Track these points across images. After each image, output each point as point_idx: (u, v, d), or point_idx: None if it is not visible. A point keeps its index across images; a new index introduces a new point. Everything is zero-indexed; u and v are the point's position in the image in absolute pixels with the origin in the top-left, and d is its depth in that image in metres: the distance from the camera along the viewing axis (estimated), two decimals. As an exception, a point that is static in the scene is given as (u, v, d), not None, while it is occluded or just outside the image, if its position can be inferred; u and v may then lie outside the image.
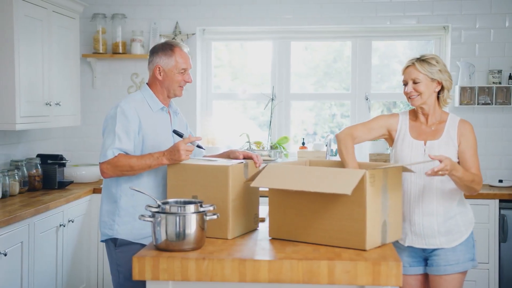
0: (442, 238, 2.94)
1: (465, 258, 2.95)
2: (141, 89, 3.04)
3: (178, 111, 3.14)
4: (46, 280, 3.90)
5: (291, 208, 2.59)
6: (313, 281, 2.29)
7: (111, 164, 2.79)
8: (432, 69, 2.92)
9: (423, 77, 2.92)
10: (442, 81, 2.95)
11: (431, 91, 2.95)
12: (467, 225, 2.98)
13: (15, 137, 4.49)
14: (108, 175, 2.83)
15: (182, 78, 3.00)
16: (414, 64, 2.94)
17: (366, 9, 5.04)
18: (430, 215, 2.94)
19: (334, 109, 5.47)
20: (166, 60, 2.97)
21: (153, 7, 5.17)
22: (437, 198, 2.93)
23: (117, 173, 2.81)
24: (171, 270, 2.33)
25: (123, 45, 5.10)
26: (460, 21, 4.97)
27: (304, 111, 5.52)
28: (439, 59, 2.98)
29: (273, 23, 5.13)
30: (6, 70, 3.80)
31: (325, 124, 5.50)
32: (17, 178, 4.19)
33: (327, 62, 5.51)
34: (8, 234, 3.40)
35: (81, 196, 4.40)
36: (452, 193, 2.93)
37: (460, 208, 2.97)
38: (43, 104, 4.20)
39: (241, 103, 5.52)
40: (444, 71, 2.95)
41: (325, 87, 5.47)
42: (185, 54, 3.01)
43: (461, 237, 2.95)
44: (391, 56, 5.47)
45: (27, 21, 3.96)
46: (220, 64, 5.56)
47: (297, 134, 5.45)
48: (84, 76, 5.18)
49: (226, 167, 2.66)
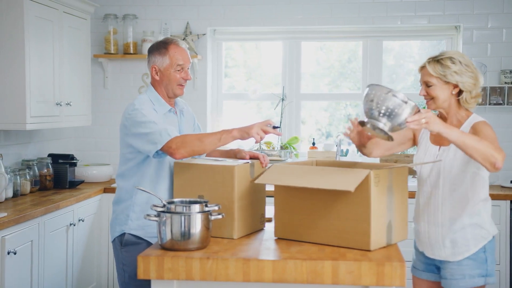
0: (447, 251, 2.73)
1: (473, 273, 2.69)
2: (147, 91, 2.97)
3: (184, 108, 3.08)
4: (56, 279, 3.93)
5: (297, 208, 2.59)
6: (317, 281, 2.29)
7: (180, 140, 2.67)
8: (445, 71, 2.66)
9: (435, 80, 2.68)
10: (459, 83, 2.67)
11: (447, 95, 2.70)
12: (478, 239, 2.71)
13: (27, 137, 4.54)
14: (181, 154, 2.67)
15: (180, 76, 2.91)
16: (429, 65, 2.70)
17: (376, 9, 5.02)
18: (436, 225, 2.75)
19: (349, 110, 5.45)
20: (160, 59, 2.89)
21: (164, 8, 5.19)
22: (444, 208, 2.73)
23: (188, 150, 2.67)
24: (176, 269, 2.34)
25: (134, 46, 5.13)
26: (472, 21, 4.94)
27: (319, 111, 5.51)
28: (458, 58, 2.68)
29: (283, 23, 5.13)
30: (16, 71, 3.84)
31: (340, 125, 5.49)
32: (28, 177, 4.23)
33: (342, 62, 5.49)
34: (18, 232, 3.44)
35: (92, 196, 4.43)
36: (461, 203, 2.71)
37: (472, 220, 2.71)
38: (54, 104, 4.23)
39: (255, 103, 5.52)
40: (462, 72, 2.66)
41: (340, 87, 5.45)
42: (181, 49, 2.90)
43: (468, 251, 2.70)
44: (406, 56, 5.44)
45: (37, 22, 3.99)
46: (235, 64, 5.57)
47: (312, 134, 5.44)
48: (96, 76, 5.22)
49: (232, 167, 2.66)
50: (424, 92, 2.74)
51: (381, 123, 2.46)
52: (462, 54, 2.74)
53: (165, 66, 2.89)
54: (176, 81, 2.91)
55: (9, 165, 4.21)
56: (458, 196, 2.71)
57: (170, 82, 2.91)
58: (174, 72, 2.89)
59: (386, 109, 2.43)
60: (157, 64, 2.91)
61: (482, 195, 2.74)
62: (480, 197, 2.73)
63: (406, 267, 2.29)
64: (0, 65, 3.83)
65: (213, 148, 2.73)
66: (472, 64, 2.73)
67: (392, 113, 2.42)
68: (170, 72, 2.89)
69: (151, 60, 2.93)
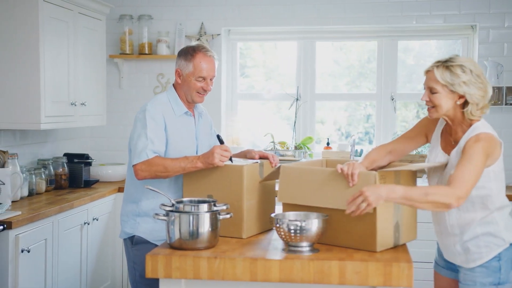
0: (462, 257, 2.63)
1: (484, 281, 2.58)
2: (167, 90, 3.01)
3: (203, 113, 3.11)
4: (70, 277, 3.97)
5: (304, 208, 2.58)
6: (324, 281, 2.29)
7: (146, 164, 2.76)
8: (454, 80, 2.47)
9: (441, 88, 2.49)
10: (466, 94, 2.47)
11: (451, 104, 2.52)
12: (491, 247, 2.58)
13: (43, 136, 4.59)
14: (143, 176, 2.79)
15: (200, 85, 2.92)
16: (436, 70, 2.50)
17: (391, 8, 5.00)
18: (447, 235, 2.66)
19: (369, 110, 5.42)
20: (185, 65, 2.91)
21: (179, 8, 5.21)
22: (451, 218, 2.61)
23: (152, 174, 2.78)
24: (183, 268, 2.36)
25: (149, 46, 5.16)
26: (488, 20, 4.89)
27: (339, 111, 5.50)
28: (470, 66, 2.49)
29: (298, 23, 5.12)
30: (31, 71, 3.88)
31: (360, 125, 5.47)
32: (44, 176, 4.28)
33: (361, 62, 5.47)
34: (32, 231, 3.48)
35: (106, 195, 4.47)
36: (470, 213, 2.57)
37: (485, 228, 2.58)
38: (68, 104, 4.27)
39: (275, 103, 5.52)
40: (471, 82, 2.47)
41: (360, 87, 5.43)
42: (207, 60, 2.89)
43: (480, 259, 2.59)
44: (426, 55, 5.40)
45: (52, 22, 4.03)
46: (254, 64, 5.58)
47: (331, 134, 5.43)
48: (111, 77, 5.26)
49: (241, 167, 2.68)
50: (427, 98, 2.55)
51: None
52: (474, 62, 2.55)
53: (187, 72, 2.91)
54: (195, 89, 2.92)
55: (25, 164, 4.26)
56: (467, 206, 2.57)
57: (189, 89, 2.93)
58: (195, 81, 2.91)
59: None
60: (181, 68, 2.93)
61: (497, 203, 2.59)
62: (495, 205, 2.59)
63: (414, 268, 2.28)
64: (15, 66, 3.88)
65: (176, 175, 2.81)
66: (483, 74, 2.54)
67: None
68: (191, 80, 2.91)
69: (177, 63, 2.95)
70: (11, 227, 3.27)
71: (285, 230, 2.36)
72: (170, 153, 2.89)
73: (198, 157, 2.75)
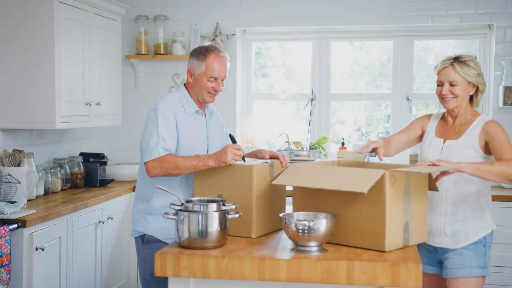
0: (448, 239, 2.91)
1: (472, 263, 2.87)
2: (179, 90, 3.04)
3: (214, 112, 3.14)
4: (85, 275, 4.00)
5: (314, 208, 2.59)
6: (331, 281, 2.29)
7: (158, 161, 2.79)
8: (470, 72, 2.89)
9: (460, 79, 2.89)
10: (478, 84, 2.93)
11: (466, 94, 2.93)
12: (478, 229, 2.90)
13: (59, 136, 4.63)
14: (154, 174, 2.81)
15: (212, 85, 2.94)
16: (453, 66, 2.90)
17: (407, 7, 4.97)
18: (438, 214, 2.92)
19: (389, 110, 5.39)
20: (197, 64, 2.93)
21: (194, 9, 5.24)
22: (447, 199, 2.90)
23: (163, 172, 2.80)
24: (192, 267, 2.36)
25: (164, 46, 5.19)
26: (505, 19, 4.84)
27: (359, 111, 5.48)
28: (476, 61, 2.94)
29: (312, 23, 5.12)
30: (46, 71, 3.92)
31: (380, 125, 5.44)
32: (60, 175, 4.32)
33: (381, 62, 5.44)
34: (46, 229, 3.52)
35: (121, 194, 4.50)
36: (465, 197, 2.89)
37: (474, 212, 2.91)
38: (83, 104, 4.31)
39: (294, 103, 5.51)
40: (480, 74, 2.93)
41: (380, 87, 5.40)
42: (220, 60, 2.92)
43: (467, 240, 2.89)
44: (446, 55, 5.34)
45: (67, 23, 4.07)
46: (274, 64, 5.58)
47: (351, 135, 5.41)
48: (127, 77, 5.30)
49: (251, 166, 2.68)
50: (447, 91, 2.91)
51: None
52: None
53: (199, 72, 2.93)
54: (206, 89, 2.95)
55: (41, 163, 4.31)
56: (462, 189, 2.88)
57: (200, 88, 2.96)
58: (207, 81, 2.93)
59: None
60: (193, 68, 2.95)
61: (484, 191, 2.93)
62: (483, 193, 2.93)
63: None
64: (31, 66, 3.92)
65: (187, 173, 2.82)
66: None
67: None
68: (202, 80, 2.93)
69: (189, 62, 2.98)
70: (26, 225, 3.31)
71: (293, 230, 2.37)
72: (181, 151, 2.91)
73: (210, 156, 2.76)
